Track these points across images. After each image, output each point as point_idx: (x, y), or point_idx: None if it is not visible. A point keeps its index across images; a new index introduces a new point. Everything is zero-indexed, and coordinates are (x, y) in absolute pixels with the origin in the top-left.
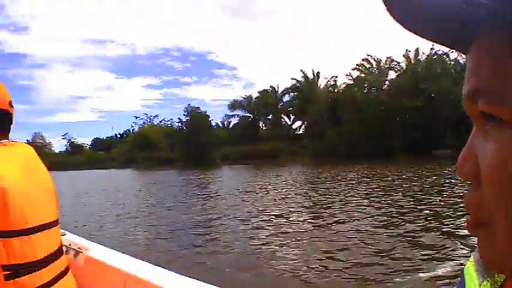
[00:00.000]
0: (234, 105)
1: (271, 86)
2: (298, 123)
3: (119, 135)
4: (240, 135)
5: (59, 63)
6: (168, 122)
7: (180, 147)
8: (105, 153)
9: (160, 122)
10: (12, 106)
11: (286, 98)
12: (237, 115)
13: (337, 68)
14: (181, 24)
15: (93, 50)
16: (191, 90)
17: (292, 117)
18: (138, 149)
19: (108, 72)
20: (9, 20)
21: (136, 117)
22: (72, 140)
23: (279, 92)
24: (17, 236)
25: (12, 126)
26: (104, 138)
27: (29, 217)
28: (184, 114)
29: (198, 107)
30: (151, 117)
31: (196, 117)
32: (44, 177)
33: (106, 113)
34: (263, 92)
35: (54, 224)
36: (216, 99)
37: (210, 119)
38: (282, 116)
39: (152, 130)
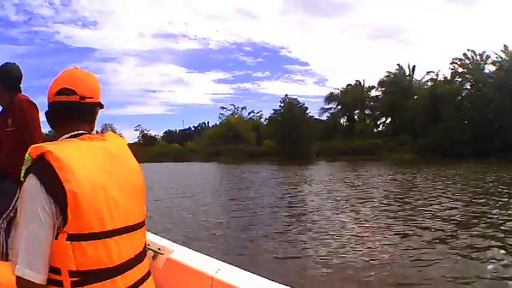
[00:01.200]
0: (329, 98)
1: (356, 81)
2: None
3: (193, 128)
4: (332, 129)
5: (129, 56)
6: (258, 114)
7: (275, 139)
8: (179, 145)
9: (249, 113)
10: (90, 96)
11: (373, 93)
12: (333, 108)
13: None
14: (253, 19)
15: (164, 44)
16: (263, 85)
17: (377, 112)
18: (222, 141)
19: (179, 66)
20: (76, 15)
21: (223, 108)
22: (145, 132)
23: (365, 87)
24: (91, 240)
25: (96, 115)
26: (176, 130)
27: (107, 219)
28: (280, 106)
29: (295, 98)
30: (239, 109)
31: (294, 109)
32: (131, 174)
33: (176, 106)
34: (350, 87)
35: (138, 226)
36: (288, 95)
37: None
38: (369, 111)
39: (240, 122)
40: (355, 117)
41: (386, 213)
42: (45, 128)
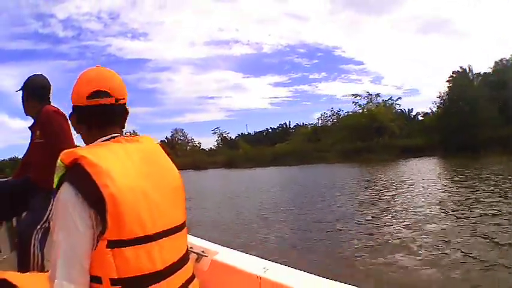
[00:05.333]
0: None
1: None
2: None
3: (271, 130)
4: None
5: (184, 65)
6: (397, 102)
7: (439, 129)
8: (266, 147)
9: (387, 100)
10: (122, 97)
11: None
12: None
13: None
14: (303, 21)
15: (217, 51)
16: (320, 86)
17: None
18: (364, 135)
19: (235, 71)
20: (126, 27)
21: (356, 96)
22: (225, 135)
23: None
24: (132, 246)
25: (127, 117)
26: (242, 134)
27: (148, 223)
28: (448, 87)
29: (466, 71)
30: (374, 96)
31: (464, 89)
32: (169, 175)
33: (234, 111)
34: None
35: (179, 228)
36: (345, 95)
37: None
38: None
39: (382, 111)
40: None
41: None
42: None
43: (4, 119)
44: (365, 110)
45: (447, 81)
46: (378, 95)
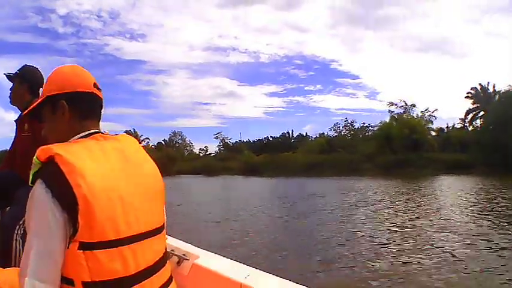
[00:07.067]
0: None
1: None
2: None
3: (271, 139)
4: None
5: (180, 69)
6: (433, 113)
7: (482, 145)
8: (281, 155)
9: (425, 111)
10: (99, 89)
11: None
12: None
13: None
14: (302, 33)
15: (214, 57)
16: (315, 98)
17: None
18: (389, 148)
19: (230, 79)
20: (124, 27)
21: (392, 104)
22: (227, 140)
23: None
24: (105, 248)
25: (102, 112)
26: (241, 141)
27: (122, 226)
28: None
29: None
30: (410, 107)
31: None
32: (148, 175)
33: (227, 119)
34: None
35: (157, 231)
36: (340, 108)
37: None
38: None
39: (419, 124)
40: None
41: None
42: None
43: None
44: (395, 121)
45: (466, 97)
46: (413, 105)
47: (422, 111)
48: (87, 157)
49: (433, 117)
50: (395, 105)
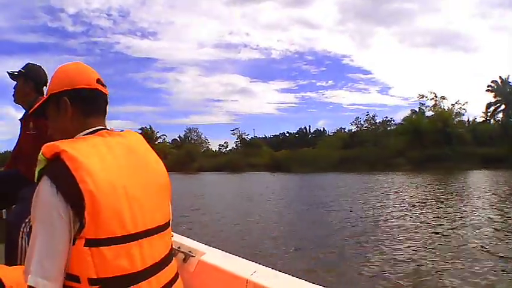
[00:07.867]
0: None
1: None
2: None
3: (287, 135)
4: None
5: (191, 66)
6: (463, 106)
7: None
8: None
9: (455, 104)
10: (103, 85)
11: None
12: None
13: None
14: (313, 29)
15: (226, 54)
16: (327, 94)
17: None
18: (420, 142)
19: (242, 76)
20: (134, 26)
21: (423, 96)
22: (244, 136)
23: None
24: (111, 245)
25: (108, 108)
26: (256, 137)
27: (129, 222)
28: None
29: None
30: (440, 99)
31: None
32: (154, 171)
33: (240, 116)
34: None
35: (163, 227)
36: (352, 104)
37: None
38: None
39: (450, 117)
40: None
41: None
42: None
43: (10, 111)
44: (426, 113)
45: (487, 90)
46: (443, 97)
47: (452, 104)
48: (93, 154)
49: (464, 110)
50: (425, 97)
